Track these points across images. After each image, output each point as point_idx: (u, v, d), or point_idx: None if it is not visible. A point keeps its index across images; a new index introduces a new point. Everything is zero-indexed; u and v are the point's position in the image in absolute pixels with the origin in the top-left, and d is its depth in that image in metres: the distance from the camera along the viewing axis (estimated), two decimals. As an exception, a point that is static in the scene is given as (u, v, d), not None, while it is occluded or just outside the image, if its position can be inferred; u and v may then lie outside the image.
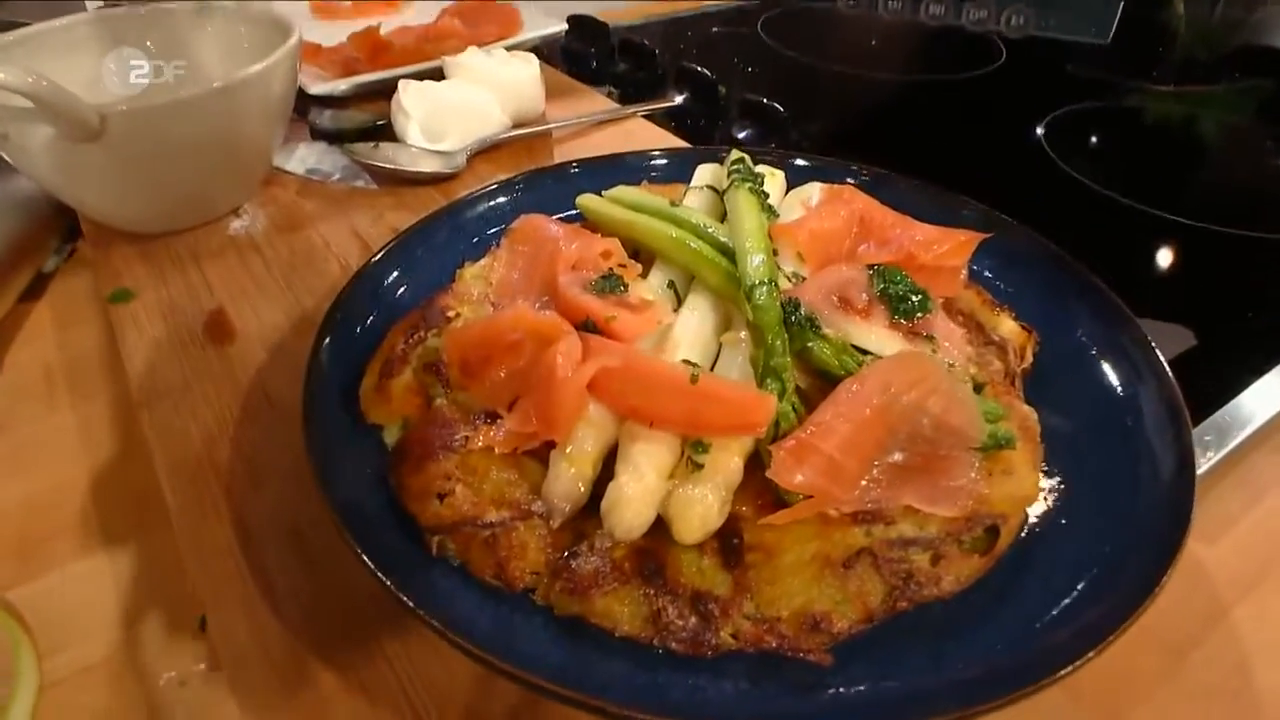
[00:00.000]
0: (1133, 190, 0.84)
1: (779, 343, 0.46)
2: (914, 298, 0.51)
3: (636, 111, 0.94)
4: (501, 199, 0.67)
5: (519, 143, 0.87)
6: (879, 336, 0.50)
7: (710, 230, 0.55)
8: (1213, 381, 0.61)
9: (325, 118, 0.88)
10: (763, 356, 0.45)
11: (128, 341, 0.61)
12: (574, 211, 0.64)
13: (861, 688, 0.37)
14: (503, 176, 0.73)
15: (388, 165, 0.78)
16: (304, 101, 0.88)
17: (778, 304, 0.47)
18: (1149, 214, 0.81)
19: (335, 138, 0.85)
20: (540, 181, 0.69)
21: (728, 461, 0.42)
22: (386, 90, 0.87)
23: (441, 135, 0.82)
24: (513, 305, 0.55)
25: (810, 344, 0.47)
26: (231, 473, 0.52)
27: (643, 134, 0.92)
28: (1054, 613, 0.40)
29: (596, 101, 1.00)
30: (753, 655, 0.39)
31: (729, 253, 0.53)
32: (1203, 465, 0.55)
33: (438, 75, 0.90)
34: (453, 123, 0.82)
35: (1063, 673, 0.35)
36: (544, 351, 0.46)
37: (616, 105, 0.98)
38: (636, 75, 1.13)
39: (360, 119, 0.88)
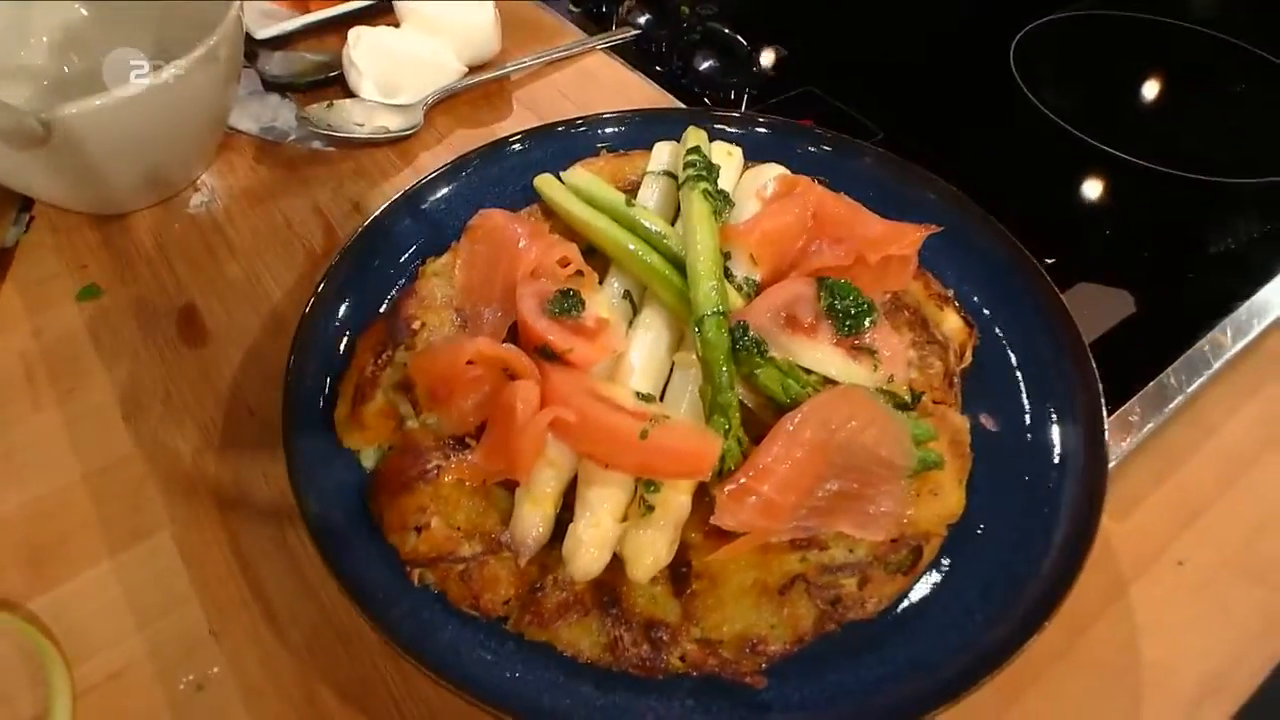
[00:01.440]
0: (1095, 123, 0.84)
1: (725, 378, 0.49)
2: (858, 312, 0.54)
3: (595, 45, 0.91)
4: (454, 184, 0.67)
5: (476, 90, 0.85)
6: (824, 355, 0.52)
7: (665, 239, 0.57)
8: (1147, 351, 0.65)
9: (275, 62, 0.85)
10: (710, 392, 0.49)
11: (103, 344, 0.63)
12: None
13: (791, 703, 0.44)
14: (459, 133, 0.73)
15: (343, 134, 0.76)
16: (251, 45, 0.85)
17: (726, 337, 0.50)
18: (1108, 154, 0.82)
19: (287, 88, 0.83)
20: (494, 159, 0.68)
21: (676, 499, 0.47)
22: (337, 25, 0.84)
23: (396, 88, 0.80)
24: (475, 315, 0.57)
25: (758, 369, 0.50)
26: (220, 488, 0.55)
27: (603, 74, 0.89)
28: (963, 632, 0.45)
29: (553, 28, 0.96)
30: (698, 676, 0.44)
31: (679, 263, 0.55)
32: (1126, 444, 0.60)
33: (390, 7, 0.86)
34: (407, 75, 0.80)
35: (971, 688, 0.42)
36: (505, 385, 0.49)
37: (574, 30, 0.94)
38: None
39: (311, 64, 0.85)
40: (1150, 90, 0.93)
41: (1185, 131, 0.88)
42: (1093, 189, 0.81)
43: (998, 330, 0.59)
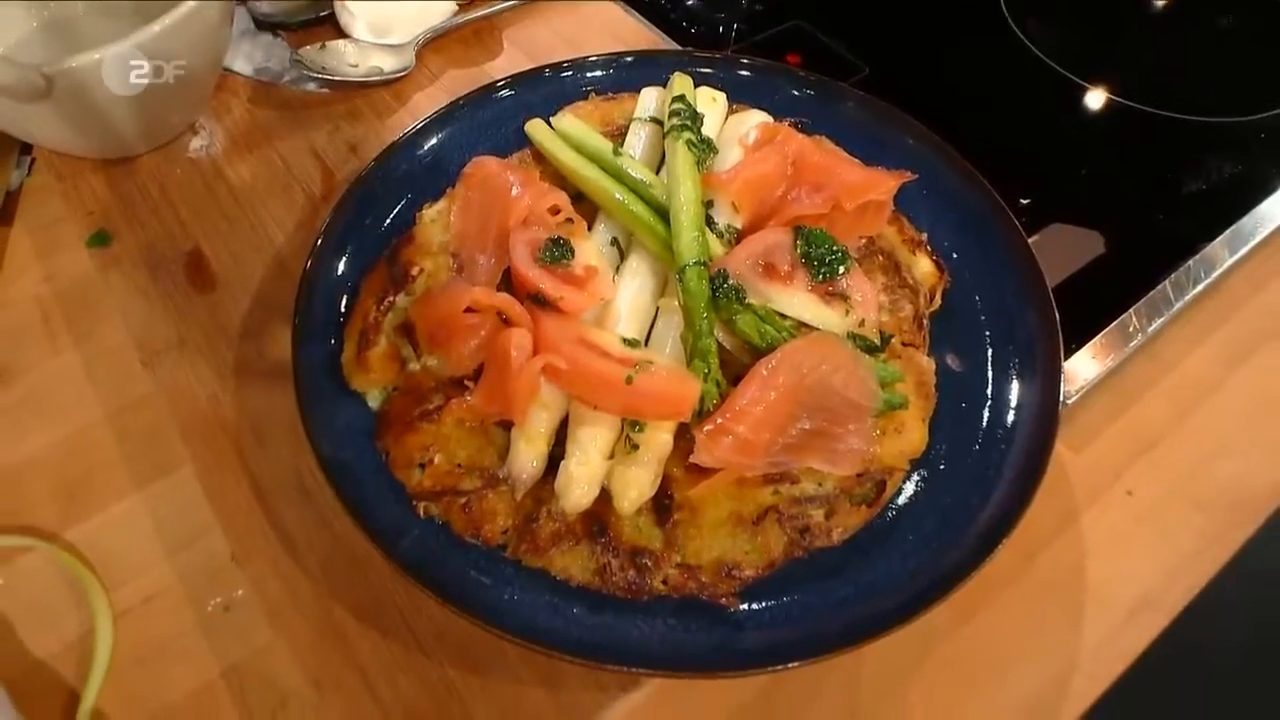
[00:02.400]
0: (1077, 63, 0.85)
1: (705, 325, 0.52)
2: (832, 259, 0.56)
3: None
4: (448, 129, 0.68)
5: (467, 29, 0.85)
6: (800, 301, 0.56)
7: (650, 188, 0.59)
8: (1113, 290, 0.68)
9: (266, 4, 0.85)
10: (691, 338, 0.52)
11: (115, 290, 0.66)
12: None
13: (762, 621, 0.49)
14: (451, 73, 0.74)
15: (337, 77, 0.78)
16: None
17: (706, 286, 0.53)
18: (1088, 91, 0.83)
19: (279, 26, 0.83)
20: (484, 103, 0.70)
21: (659, 438, 0.51)
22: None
23: (388, 28, 0.80)
24: (470, 261, 0.60)
25: (736, 315, 0.53)
26: (239, 431, 0.59)
27: (592, 10, 0.90)
28: (921, 557, 0.50)
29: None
30: (679, 598, 0.49)
31: (664, 212, 0.58)
32: (1086, 381, 0.64)
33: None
34: (398, 14, 0.80)
35: (926, 608, 0.46)
36: (501, 330, 0.53)
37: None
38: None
39: (303, 1, 0.85)
40: (1138, 26, 0.94)
41: (1169, 69, 0.88)
42: (1075, 128, 0.83)
43: (967, 274, 0.62)
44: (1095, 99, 0.83)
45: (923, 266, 0.62)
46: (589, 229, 0.60)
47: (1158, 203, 0.76)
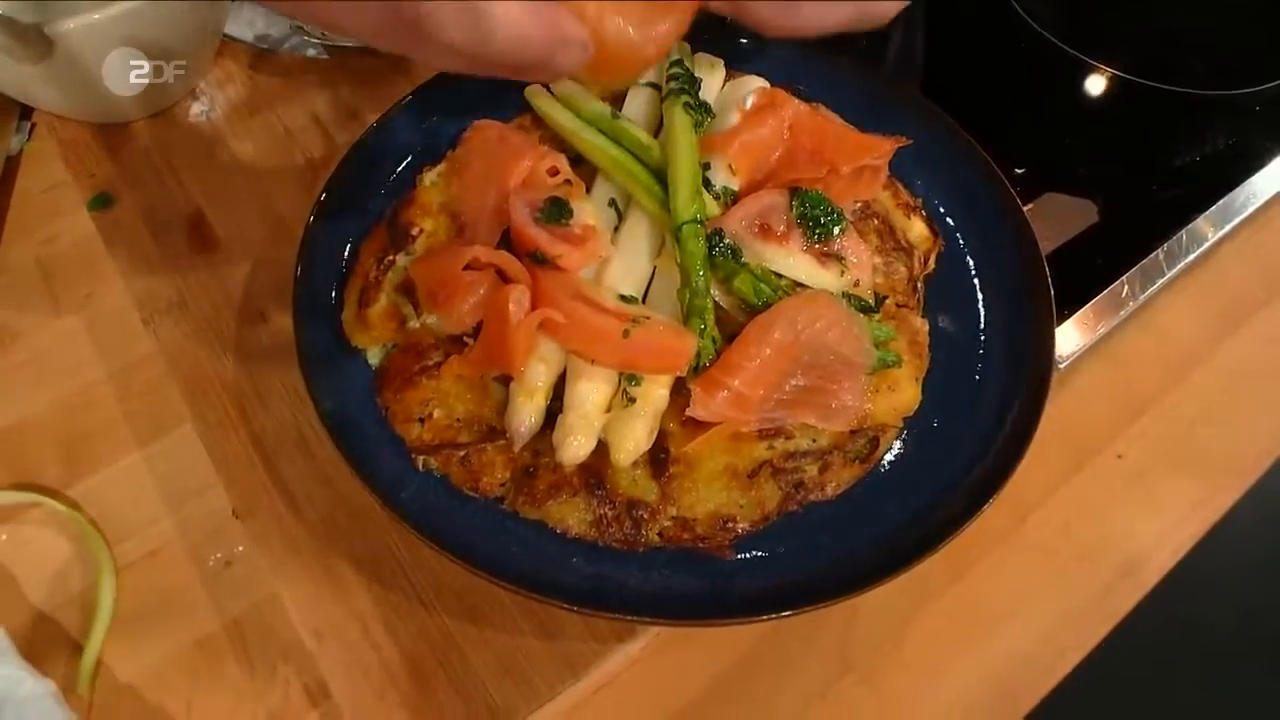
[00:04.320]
0: (1073, 34, 0.85)
1: (701, 283, 0.52)
2: (827, 220, 0.57)
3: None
4: (448, 93, 0.69)
5: (467, -2, 0.85)
6: (795, 261, 0.56)
7: (649, 150, 0.59)
8: (1106, 259, 0.69)
9: (265, -32, 0.85)
10: (687, 295, 0.53)
11: (117, 252, 0.67)
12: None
13: (755, 572, 0.49)
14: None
15: (336, 40, 0.78)
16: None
17: (703, 245, 0.53)
18: (1084, 63, 0.83)
19: (279, -6, 0.83)
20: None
21: (655, 392, 0.51)
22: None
23: (388, -4, 0.80)
24: (470, 221, 0.61)
25: (732, 274, 0.54)
26: (240, 389, 0.60)
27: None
28: (913, 512, 0.51)
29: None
30: (674, 549, 0.50)
31: (660, 174, 0.58)
32: (1078, 346, 0.64)
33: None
34: (398, -18, 0.80)
35: (915, 561, 0.47)
36: (499, 288, 0.53)
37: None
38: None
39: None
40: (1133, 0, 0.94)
41: (1164, 42, 0.89)
42: (1069, 101, 0.83)
43: (960, 238, 0.62)
44: (1090, 71, 0.83)
45: (917, 230, 0.62)
46: (587, 191, 0.61)
47: (1151, 174, 0.77)
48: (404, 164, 0.65)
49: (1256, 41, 0.89)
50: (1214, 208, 0.72)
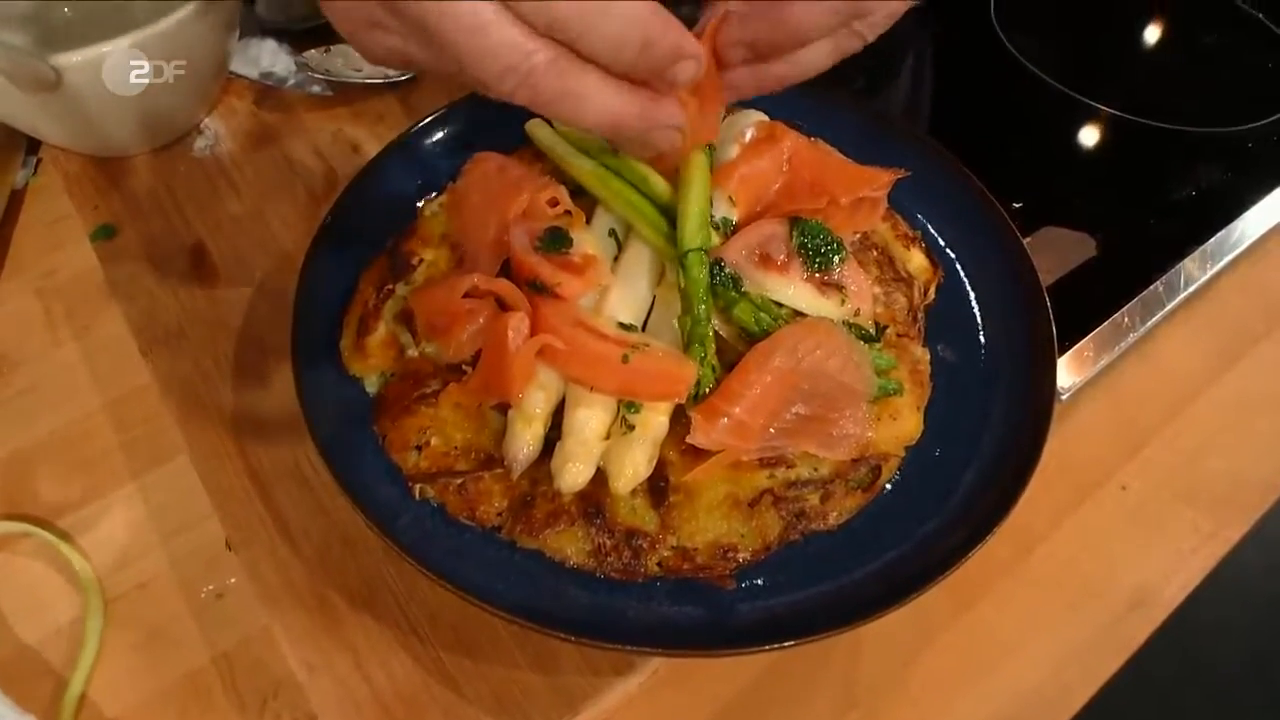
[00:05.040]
0: (1068, 76, 0.86)
1: (704, 311, 0.52)
2: (827, 250, 0.57)
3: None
4: (451, 126, 0.69)
5: (471, 37, 0.87)
6: (795, 290, 0.56)
7: (649, 181, 0.60)
8: (1105, 291, 0.69)
9: (272, 8, 0.86)
10: (689, 323, 0.52)
11: (118, 282, 0.67)
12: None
13: (757, 602, 0.48)
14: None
15: (341, 78, 0.79)
16: (250, -10, 0.87)
17: (707, 273, 0.53)
18: (1079, 103, 0.84)
19: (284, 32, 0.85)
20: (487, 102, 0.71)
21: (655, 420, 0.51)
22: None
23: (392, 35, 0.82)
24: (471, 251, 0.61)
25: (733, 303, 0.54)
26: (237, 419, 0.60)
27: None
28: (916, 542, 0.50)
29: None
30: (674, 579, 0.49)
31: (662, 205, 0.58)
32: (1079, 378, 0.64)
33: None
34: (403, 22, 0.81)
35: (918, 592, 0.46)
36: (497, 317, 0.53)
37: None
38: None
39: (308, 9, 0.87)
40: (1125, 39, 0.96)
41: (1156, 81, 0.90)
42: (1064, 136, 0.84)
43: (960, 269, 0.62)
44: (1086, 110, 0.84)
45: (916, 261, 0.62)
46: (587, 221, 0.61)
47: (1149, 208, 0.77)
48: (405, 195, 0.66)
49: (1245, 82, 0.91)
50: (1211, 241, 0.72)
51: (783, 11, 0.48)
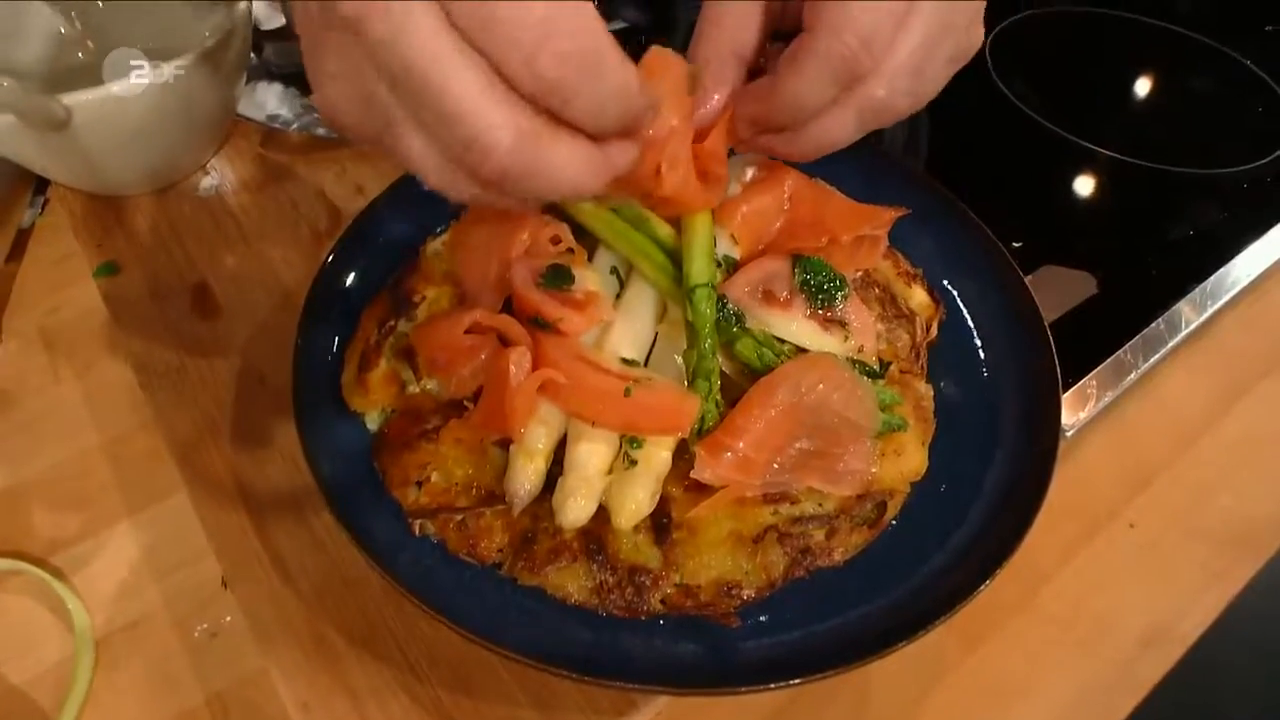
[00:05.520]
0: (1066, 116, 0.88)
1: (710, 345, 0.52)
2: (830, 287, 0.57)
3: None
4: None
5: (475, 82, 0.88)
6: (798, 327, 0.56)
7: (649, 221, 0.60)
8: (1107, 329, 0.69)
9: (281, 54, 0.88)
10: (694, 358, 0.52)
11: (120, 318, 0.67)
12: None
13: (762, 640, 0.47)
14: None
15: (347, 120, 0.80)
16: (258, 37, 0.88)
17: (714, 308, 0.53)
18: (1076, 145, 0.86)
19: (291, 77, 0.87)
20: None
21: (658, 455, 0.50)
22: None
23: (398, 79, 0.83)
24: (473, 289, 0.61)
25: (735, 339, 0.54)
26: (235, 452, 0.59)
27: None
28: (923, 578, 0.49)
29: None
30: (677, 617, 0.48)
31: (664, 244, 0.59)
32: (1083, 415, 0.64)
33: None
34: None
35: (926, 629, 0.45)
36: (499, 353, 0.53)
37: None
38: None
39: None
40: (1118, 84, 0.97)
41: (1150, 124, 0.92)
42: (1060, 177, 0.85)
43: (962, 306, 0.63)
44: (1081, 151, 0.85)
45: (918, 298, 0.62)
46: (589, 259, 0.61)
47: (1147, 247, 0.78)
48: (408, 234, 0.66)
49: (1236, 125, 0.92)
50: (1210, 280, 0.73)
51: (776, 85, 0.49)
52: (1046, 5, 1.08)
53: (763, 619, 0.48)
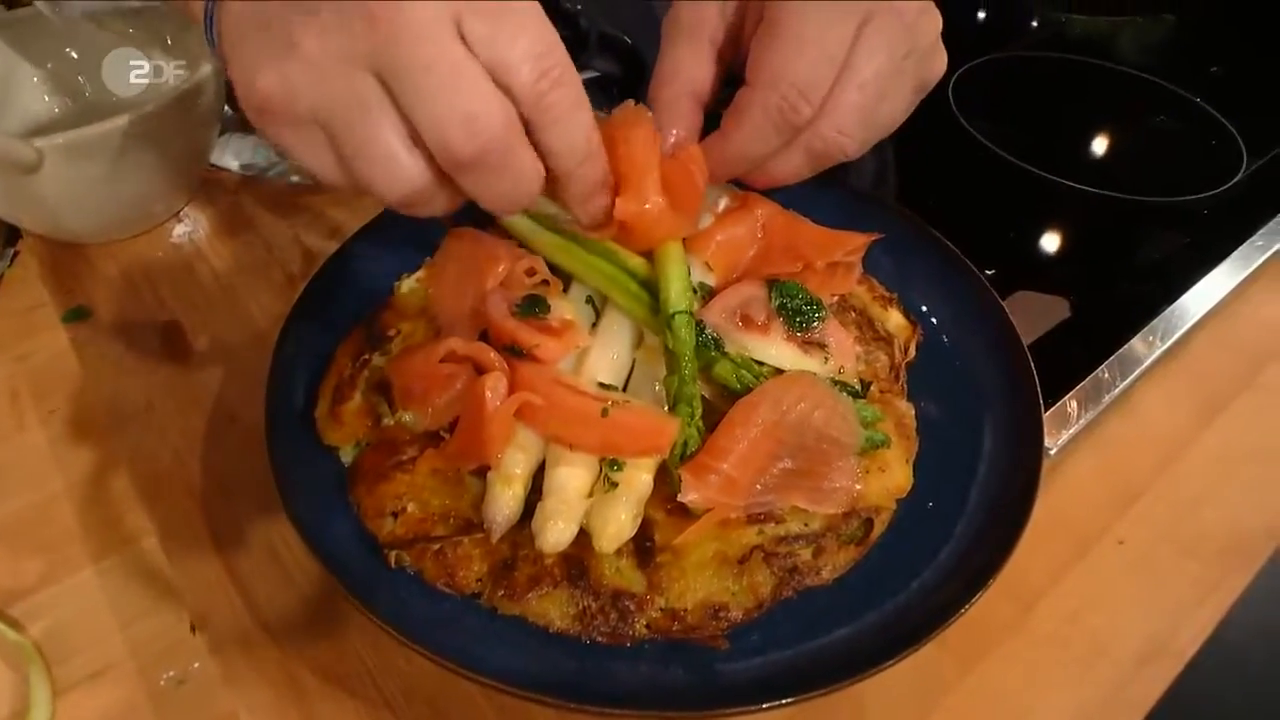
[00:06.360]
0: (1029, 152, 0.90)
1: (690, 370, 0.52)
2: (807, 309, 0.57)
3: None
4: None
5: (450, 129, 0.89)
6: (777, 350, 0.56)
7: (620, 254, 0.60)
8: (1082, 351, 0.69)
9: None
10: (675, 384, 0.52)
11: (88, 363, 0.66)
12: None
13: (753, 662, 0.46)
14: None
15: (323, 165, 0.80)
16: (232, 89, 0.89)
17: (693, 333, 0.53)
18: (1041, 178, 0.88)
19: (267, 128, 0.87)
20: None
21: (639, 477, 0.49)
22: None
23: (373, 126, 0.84)
24: (448, 322, 0.60)
25: (714, 363, 0.54)
26: (205, 491, 0.58)
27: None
28: (911, 592, 0.48)
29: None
30: (664, 642, 0.47)
31: (636, 274, 0.59)
32: (1065, 434, 0.64)
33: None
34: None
35: (917, 645, 0.44)
36: (475, 381, 0.52)
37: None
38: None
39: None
40: (1077, 121, 1.00)
41: (1111, 157, 0.95)
42: (1028, 209, 0.87)
43: (938, 327, 0.63)
44: (1047, 184, 0.87)
45: (895, 320, 0.63)
46: (565, 291, 0.61)
47: (1117, 273, 0.79)
48: (382, 272, 0.66)
49: (1193, 159, 0.95)
50: (1180, 300, 0.74)
51: (725, 138, 0.58)
52: (1002, 51, 1.12)
53: (752, 639, 0.47)
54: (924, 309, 0.65)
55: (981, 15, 1.21)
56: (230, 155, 0.84)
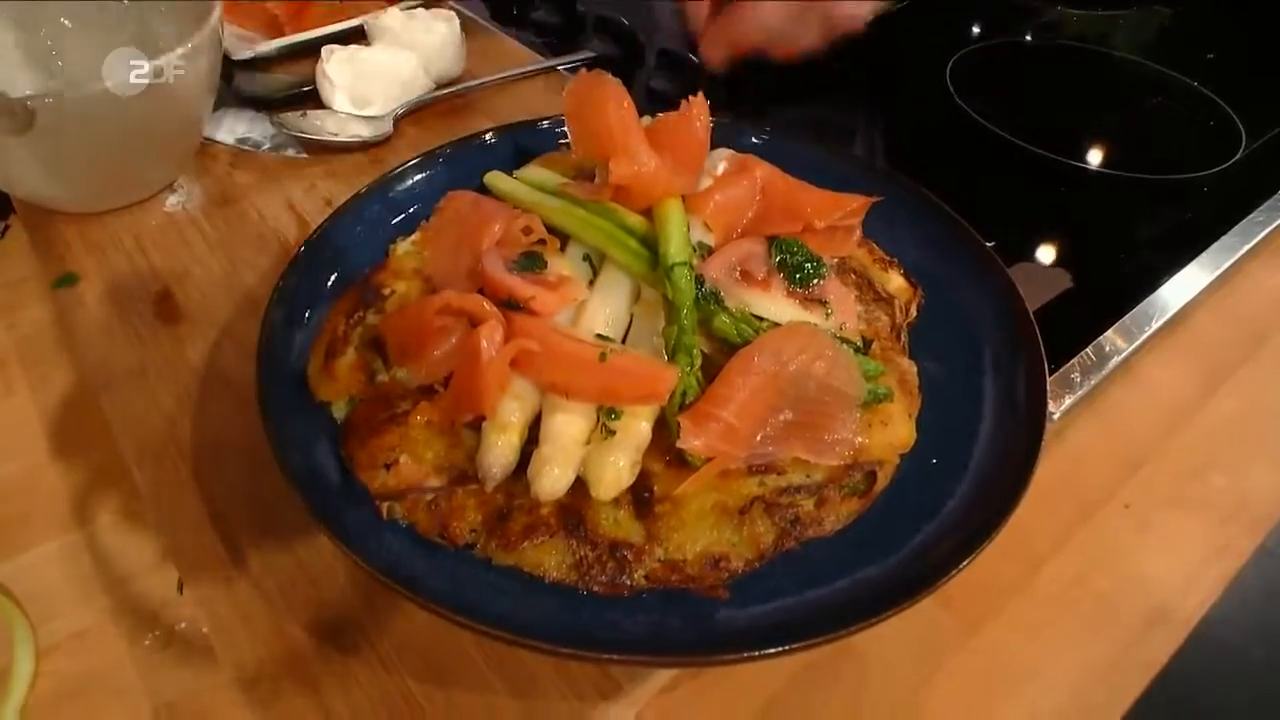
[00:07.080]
0: (1027, 132, 0.89)
1: (690, 321, 0.51)
2: (808, 266, 0.57)
3: (555, 65, 0.96)
4: (426, 173, 0.70)
5: (443, 103, 0.89)
6: (777, 305, 0.55)
7: (616, 212, 0.59)
8: (1083, 320, 0.69)
9: (251, 81, 0.89)
10: (674, 334, 0.51)
11: (78, 326, 0.64)
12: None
13: (753, 611, 0.45)
14: (428, 140, 0.76)
15: (316, 136, 0.80)
16: (229, 66, 0.89)
17: (693, 284, 0.52)
18: (1042, 156, 0.87)
19: (262, 104, 0.87)
20: (462, 153, 0.72)
21: (637, 426, 0.48)
22: (310, 49, 0.89)
23: (367, 100, 0.84)
24: (443, 282, 0.59)
25: (713, 316, 0.53)
26: (196, 452, 0.56)
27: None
28: (913, 545, 0.47)
29: (516, 53, 1.01)
30: (662, 591, 0.46)
31: (635, 231, 0.58)
32: (1068, 400, 0.63)
33: (361, 33, 0.91)
34: (378, 88, 0.84)
35: (917, 597, 0.43)
36: (471, 332, 0.51)
37: (536, 57, 1.00)
38: (556, 21, 1.14)
39: (286, 81, 0.89)
40: (1075, 103, 1.00)
41: (1110, 137, 0.94)
42: (1027, 186, 0.86)
43: (940, 287, 0.62)
44: (1049, 163, 0.87)
45: (895, 282, 0.62)
46: (562, 249, 0.61)
47: (1119, 246, 0.78)
48: (378, 235, 0.65)
49: (1193, 138, 0.95)
50: (1182, 271, 0.73)
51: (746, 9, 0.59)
52: (1001, 36, 1.12)
53: (752, 589, 0.45)
54: (919, 264, 0.64)
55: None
56: (225, 130, 0.84)
